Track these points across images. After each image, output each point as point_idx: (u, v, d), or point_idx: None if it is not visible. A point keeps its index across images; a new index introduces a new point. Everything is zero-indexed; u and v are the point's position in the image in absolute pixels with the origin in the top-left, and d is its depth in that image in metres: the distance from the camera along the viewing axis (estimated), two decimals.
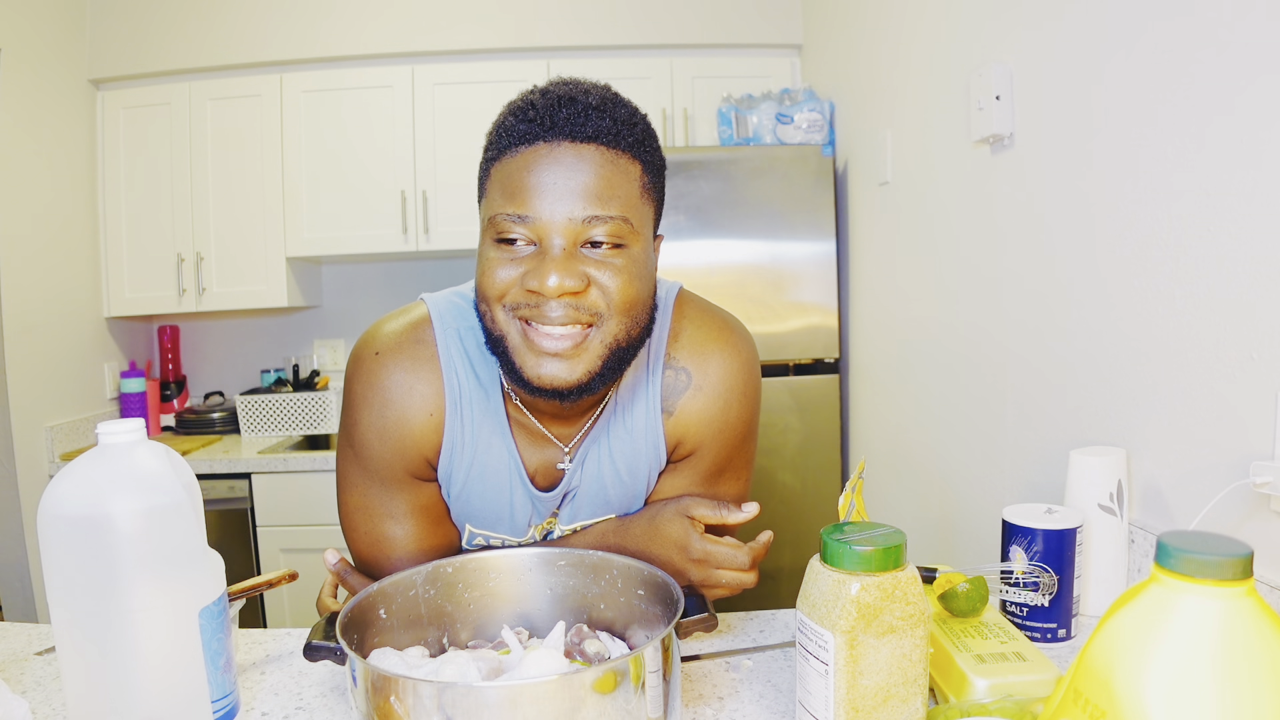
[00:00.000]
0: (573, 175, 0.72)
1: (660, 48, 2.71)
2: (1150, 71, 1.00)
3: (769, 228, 2.30)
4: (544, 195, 0.72)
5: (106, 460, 0.65)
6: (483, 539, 0.93)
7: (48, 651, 0.90)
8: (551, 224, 0.72)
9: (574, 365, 0.76)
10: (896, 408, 1.98)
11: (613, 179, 0.74)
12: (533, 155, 0.73)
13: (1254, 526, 0.84)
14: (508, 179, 0.74)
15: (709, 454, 0.91)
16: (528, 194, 0.72)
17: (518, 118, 0.75)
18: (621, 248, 0.75)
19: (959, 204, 1.57)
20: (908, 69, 1.82)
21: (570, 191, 0.72)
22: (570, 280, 0.72)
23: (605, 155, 0.74)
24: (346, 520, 0.91)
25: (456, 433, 0.86)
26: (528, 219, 0.73)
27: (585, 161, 0.73)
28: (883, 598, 0.61)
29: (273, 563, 2.47)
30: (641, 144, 0.77)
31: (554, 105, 0.74)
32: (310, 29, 2.66)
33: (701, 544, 0.82)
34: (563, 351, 0.75)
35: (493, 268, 0.75)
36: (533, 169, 0.73)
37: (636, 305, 0.77)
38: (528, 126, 0.74)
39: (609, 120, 0.74)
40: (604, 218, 0.73)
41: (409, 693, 0.58)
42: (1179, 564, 0.48)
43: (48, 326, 2.47)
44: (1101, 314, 1.11)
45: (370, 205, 2.68)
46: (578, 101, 0.74)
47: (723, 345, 0.90)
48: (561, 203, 0.72)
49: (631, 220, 0.75)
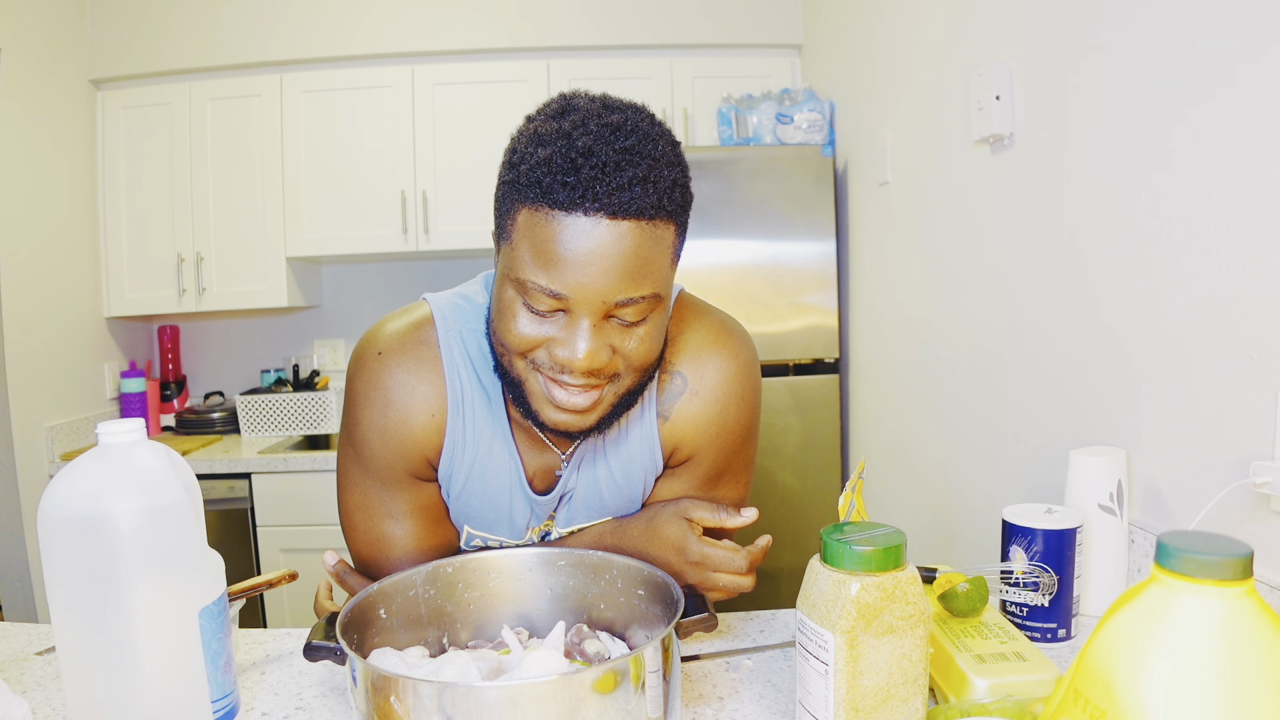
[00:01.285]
0: (608, 255, 0.69)
1: (660, 48, 2.71)
2: (1150, 71, 1.00)
3: (769, 228, 2.30)
4: (578, 272, 0.70)
5: (106, 460, 0.65)
6: (480, 540, 0.93)
7: (48, 651, 0.90)
8: (584, 302, 0.71)
9: (587, 417, 0.78)
10: (896, 408, 1.98)
11: (648, 256, 0.71)
12: (569, 225, 0.69)
13: (1254, 526, 0.84)
14: (540, 244, 0.70)
15: (707, 459, 0.91)
16: (561, 268, 0.70)
17: (555, 176, 0.69)
18: (645, 318, 0.75)
19: (959, 204, 1.57)
20: (908, 69, 1.82)
21: (604, 271, 0.70)
22: (599, 358, 0.73)
23: (643, 231, 0.70)
24: (346, 519, 0.91)
25: (458, 434, 0.87)
26: (560, 295, 0.71)
27: (623, 241, 0.70)
28: (883, 598, 0.61)
29: (273, 563, 2.47)
30: (679, 206, 0.74)
31: (598, 174, 0.68)
32: (310, 29, 2.66)
33: (699, 546, 0.82)
34: (580, 408, 0.76)
35: (517, 324, 0.74)
36: (568, 242, 0.69)
37: (652, 364, 0.79)
38: (566, 192, 0.69)
39: (652, 193, 0.70)
40: (635, 299, 0.72)
41: (409, 693, 0.58)
42: (1179, 564, 0.48)
43: (48, 326, 2.47)
44: (1101, 314, 1.11)
45: (370, 205, 2.68)
46: (623, 171, 0.69)
47: (719, 349, 0.90)
48: (595, 283, 0.70)
49: (660, 294, 0.74)
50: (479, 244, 2.67)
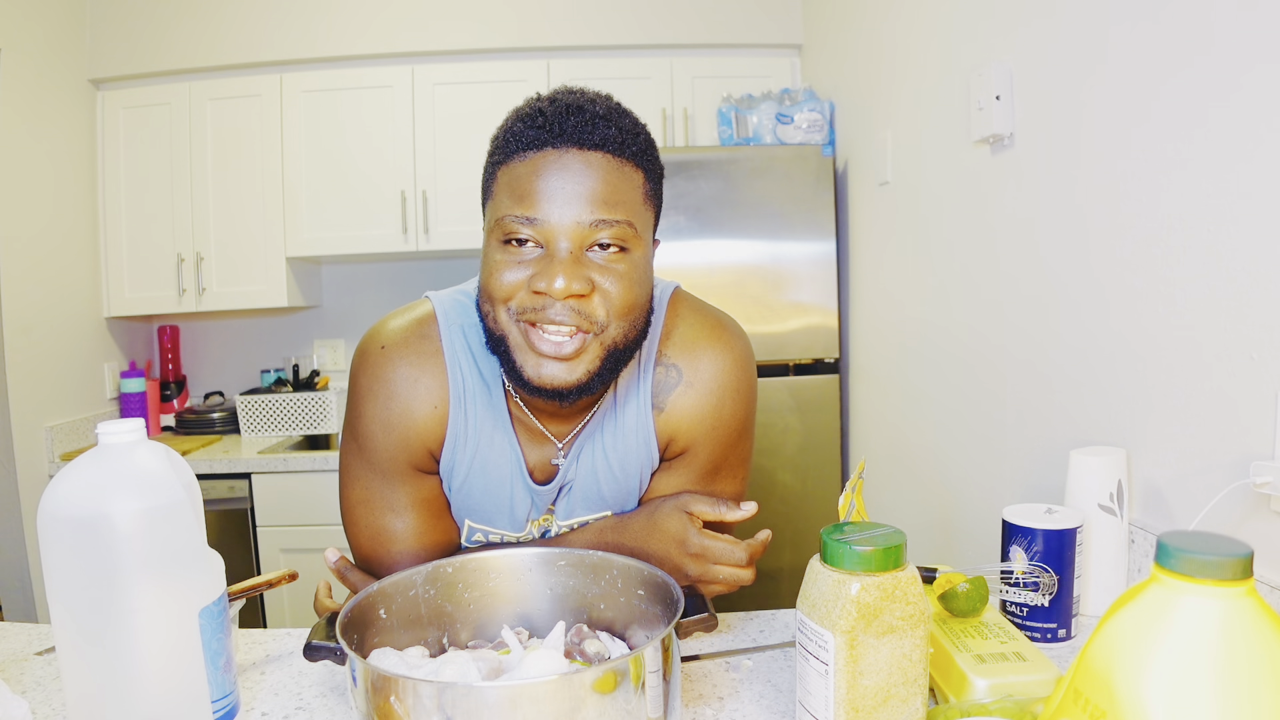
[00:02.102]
0: (580, 180, 0.75)
1: (660, 48, 2.71)
2: (1150, 71, 1.00)
3: (769, 228, 2.30)
4: (552, 199, 0.74)
5: (106, 460, 0.65)
6: (482, 535, 0.94)
7: (48, 651, 0.90)
8: (560, 227, 0.74)
9: (573, 367, 0.78)
10: (896, 408, 1.98)
11: (618, 185, 0.76)
12: (541, 160, 0.75)
13: (1254, 526, 0.84)
14: (516, 182, 0.76)
15: (703, 452, 0.92)
16: (536, 197, 0.74)
17: (526, 124, 0.77)
18: (625, 252, 0.77)
19: (959, 204, 1.57)
20: (908, 69, 1.82)
21: (578, 196, 0.74)
22: (577, 284, 0.74)
23: (611, 162, 0.76)
24: (348, 514, 0.92)
25: (460, 426, 0.88)
26: (535, 221, 0.74)
27: (592, 168, 0.75)
28: (883, 598, 0.61)
29: (273, 563, 2.47)
30: (644, 153, 0.80)
31: (562, 113, 0.76)
32: (310, 29, 2.66)
33: (699, 539, 0.83)
34: (564, 354, 0.77)
35: (499, 269, 0.77)
36: (541, 174, 0.75)
37: (636, 310, 0.79)
38: (536, 133, 0.76)
39: (615, 129, 0.77)
40: (610, 222, 0.75)
41: (409, 693, 0.58)
42: (1179, 564, 0.48)
43: (48, 326, 2.47)
44: (1101, 314, 1.11)
45: (370, 205, 2.68)
46: (585, 110, 0.76)
47: (714, 342, 0.91)
48: (569, 207, 0.74)
49: (635, 225, 0.77)
50: (479, 244, 2.65)
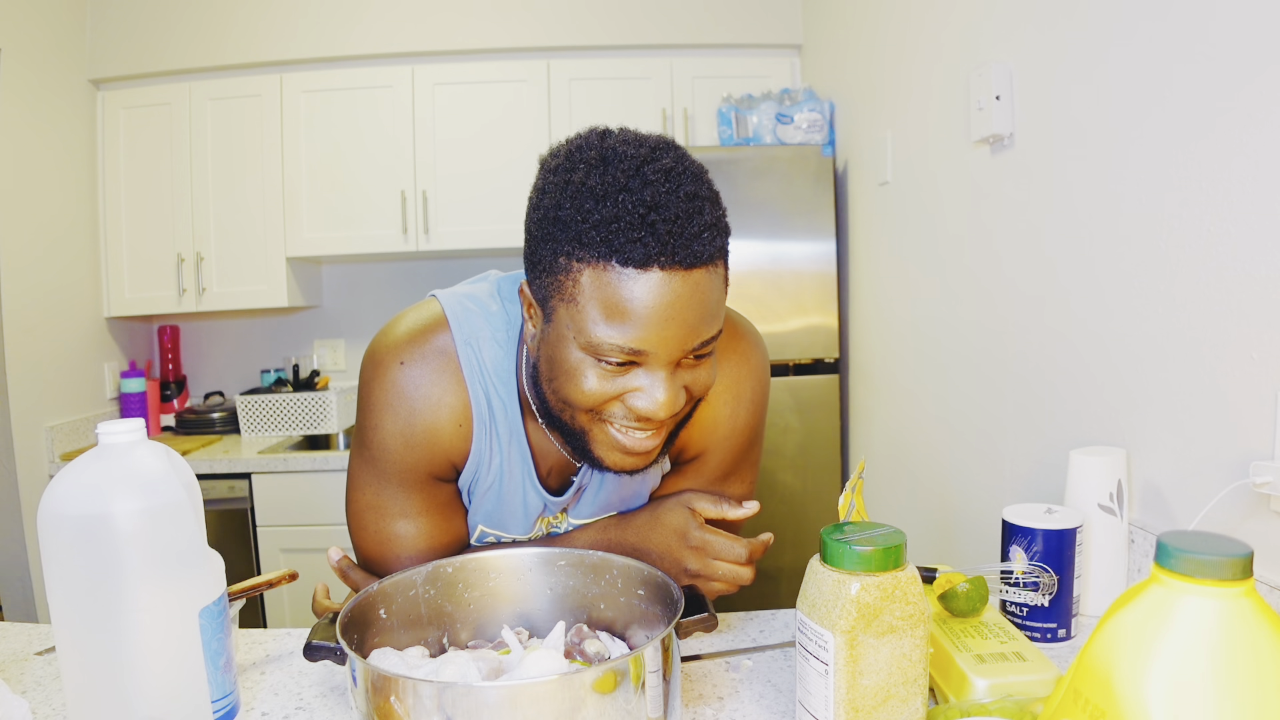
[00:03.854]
0: (688, 307, 0.69)
1: (660, 48, 2.71)
2: (1150, 71, 1.00)
3: (769, 228, 2.30)
4: (659, 328, 0.68)
5: (106, 460, 0.65)
6: (493, 538, 0.94)
7: (48, 651, 0.90)
8: (666, 355, 0.70)
9: (652, 454, 0.78)
10: (896, 408, 1.98)
11: (718, 297, 0.72)
12: (646, 283, 0.67)
13: (1254, 526, 0.84)
14: (615, 302, 0.68)
15: (714, 459, 0.92)
16: (641, 325, 0.68)
17: (629, 234, 0.66)
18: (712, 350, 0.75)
19: (959, 204, 1.57)
20: (908, 69, 1.82)
21: (685, 324, 0.69)
22: (679, 402, 0.73)
23: (711, 274, 0.70)
24: (355, 519, 0.91)
25: (483, 442, 0.87)
26: (641, 352, 0.69)
27: (699, 290, 0.69)
28: (883, 598, 0.61)
29: (273, 563, 2.47)
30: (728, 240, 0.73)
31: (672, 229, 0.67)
32: (310, 29, 2.66)
33: (700, 532, 0.84)
34: (649, 450, 0.76)
35: (587, 382, 0.72)
36: (648, 300, 0.67)
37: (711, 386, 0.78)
38: (640, 249, 0.67)
39: (718, 237, 0.70)
40: (709, 340, 0.72)
41: (409, 693, 0.58)
42: (1179, 564, 0.48)
43: (48, 326, 2.47)
44: (1101, 314, 1.11)
45: (370, 205, 2.68)
46: (693, 220, 0.68)
47: (730, 354, 0.90)
48: (677, 336, 0.69)
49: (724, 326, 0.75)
50: (479, 244, 2.66)
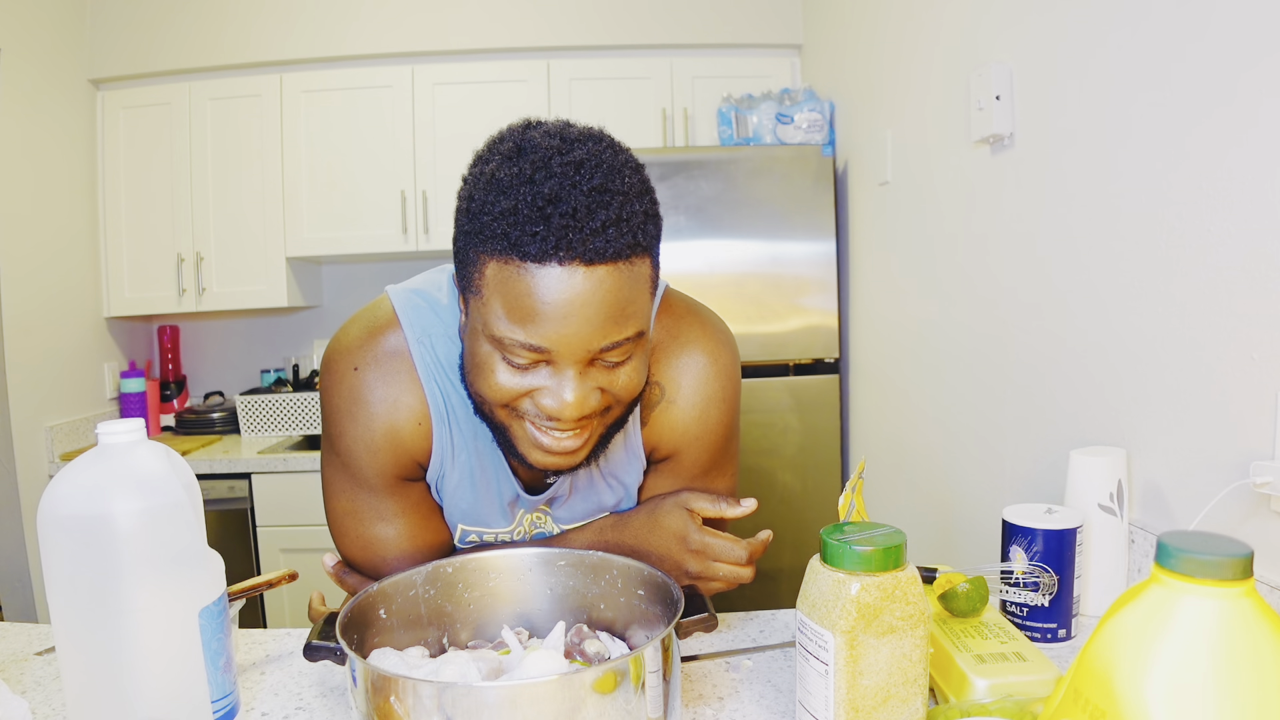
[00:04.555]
0: (588, 304, 0.66)
1: (660, 48, 2.71)
2: (1150, 71, 1.00)
3: (769, 228, 2.30)
4: (558, 325, 0.66)
5: (106, 460, 0.65)
6: (476, 536, 0.93)
7: (48, 651, 0.90)
8: (568, 354, 0.68)
9: (577, 455, 0.77)
10: (896, 408, 1.98)
11: (629, 296, 0.69)
12: (543, 277, 0.65)
13: (1254, 526, 0.84)
14: (513, 299, 0.67)
15: (689, 457, 0.92)
16: (539, 323, 0.66)
17: (524, 228, 0.65)
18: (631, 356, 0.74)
19: (959, 204, 1.57)
20: (908, 69, 1.82)
21: (586, 321, 0.67)
22: (589, 403, 0.71)
23: (620, 272, 0.67)
24: (336, 526, 0.90)
25: (445, 440, 0.86)
26: (541, 349, 0.68)
27: (602, 286, 0.66)
28: (883, 598, 0.61)
29: (273, 563, 2.47)
30: (653, 238, 0.71)
31: (569, 222, 0.65)
32: (310, 29, 2.66)
33: (700, 535, 0.83)
34: (568, 450, 0.75)
35: (496, 378, 0.72)
36: (544, 295, 0.66)
37: (638, 392, 0.77)
38: (536, 244, 0.65)
39: (627, 232, 0.67)
40: (620, 342, 0.70)
41: (409, 693, 0.58)
42: (1179, 564, 0.48)
43: (48, 326, 2.47)
44: (1101, 313, 1.11)
45: (370, 205, 2.68)
46: (595, 215, 0.65)
47: (697, 355, 0.89)
48: (578, 334, 0.67)
49: (644, 329, 0.72)
50: None
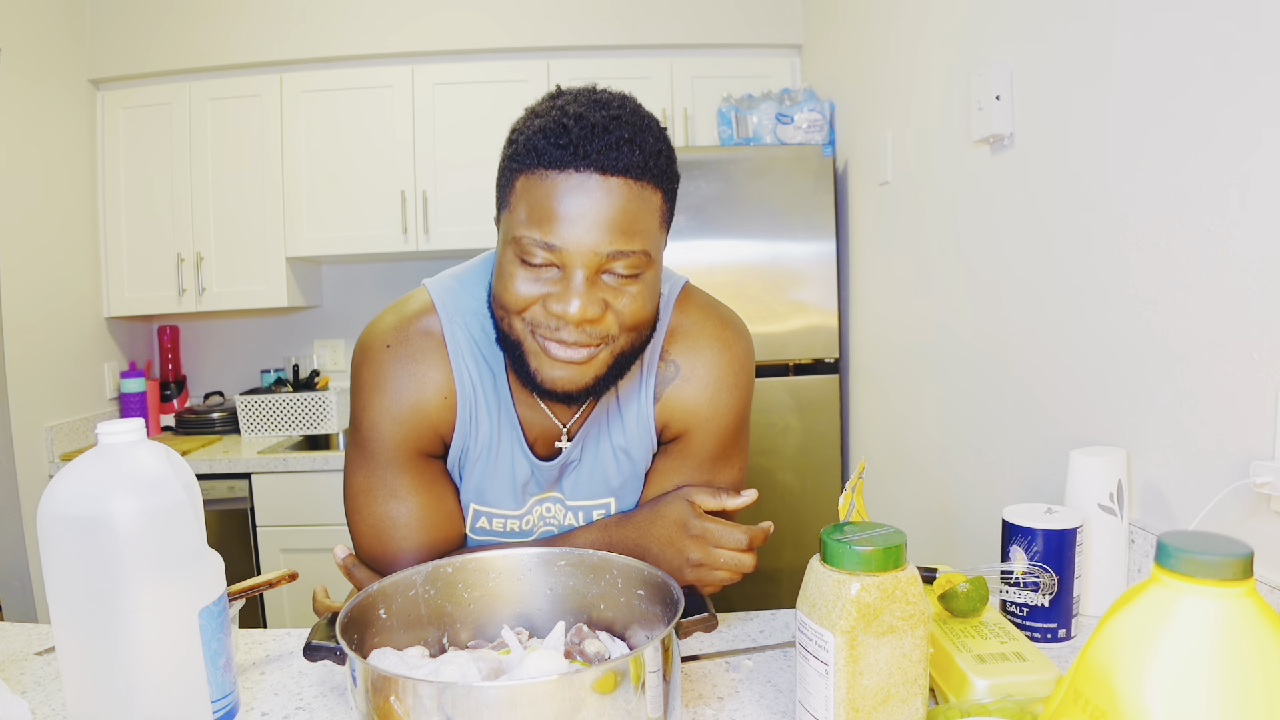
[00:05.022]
0: (599, 209, 0.74)
1: (660, 48, 2.71)
2: (1150, 71, 1.00)
3: (769, 228, 2.30)
4: (571, 225, 0.74)
5: (106, 460, 0.65)
6: (485, 519, 0.96)
7: (48, 651, 0.90)
8: (577, 254, 0.75)
9: (583, 373, 0.81)
10: (896, 408, 1.98)
11: (637, 213, 0.76)
12: (562, 183, 0.74)
13: (1254, 526, 0.84)
14: (535, 202, 0.76)
15: (698, 439, 0.95)
16: (555, 222, 0.75)
17: (549, 139, 0.75)
18: (637, 276, 0.79)
19: (959, 204, 1.57)
20: (908, 69, 1.82)
21: (596, 224, 0.74)
22: (592, 309, 0.76)
23: (631, 189, 0.76)
24: (350, 503, 0.93)
25: (468, 414, 0.90)
26: (553, 247, 0.75)
27: (612, 196, 0.75)
28: (883, 598, 0.61)
29: (273, 563, 2.46)
30: (665, 173, 0.79)
31: (587, 134, 0.74)
32: (310, 29, 2.66)
33: (700, 521, 0.86)
34: (575, 361, 0.79)
35: (515, 283, 0.78)
36: (561, 198, 0.74)
37: (645, 323, 0.82)
38: (559, 153, 0.74)
39: (639, 154, 0.76)
40: (626, 252, 0.76)
41: (409, 693, 0.58)
42: (1179, 564, 0.48)
43: (48, 326, 2.47)
44: (1101, 314, 1.11)
45: (370, 205, 2.68)
46: (611, 133, 0.75)
47: (714, 341, 0.94)
48: (588, 235, 0.74)
49: (650, 252, 0.78)
50: (479, 244, 2.66)
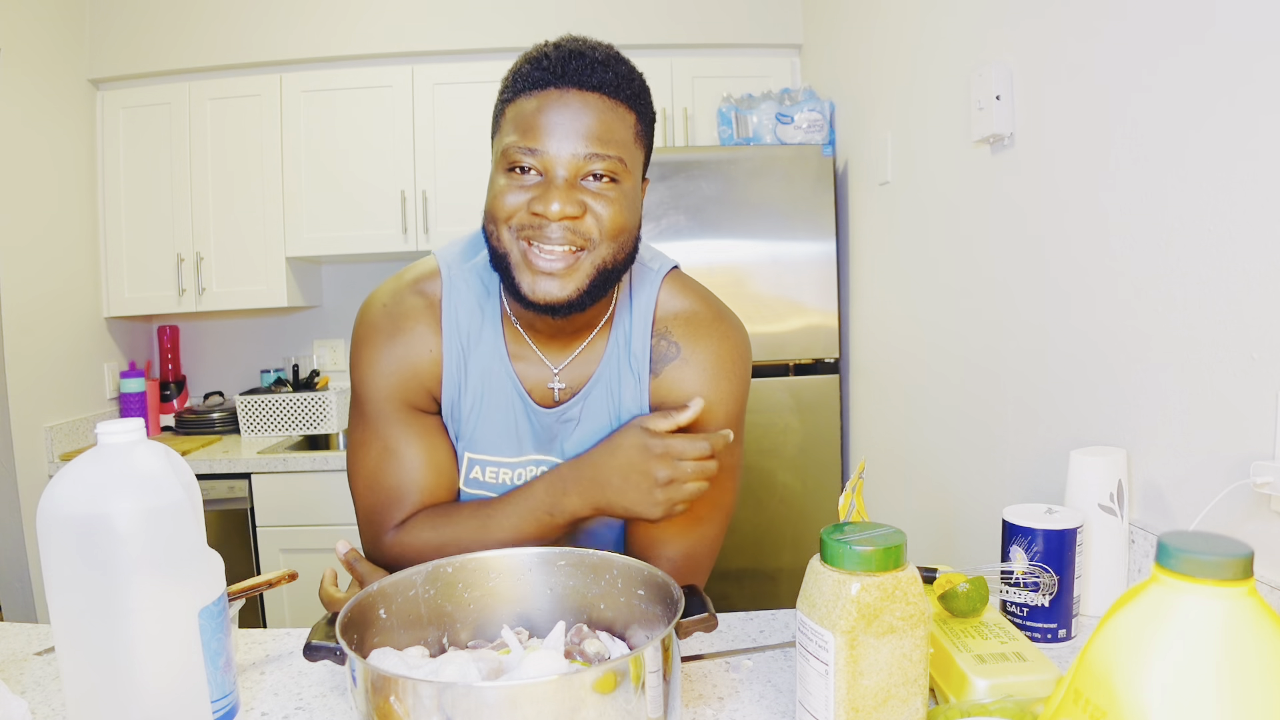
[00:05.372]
0: (578, 118, 0.83)
1: (660, 48, 2.71)
2: (1150, 71, 1.00)
3: (769, 228, 2.30)
4: (552, 133, 0.82)
5: (106, 460, 0.65)
6: (480, 469, 0.97)
7: (48, 651, 0.90)
8: (558, 158, 0.83)
9: (565, 283, 0.85)
10: (896, 408, 1.98)
11: (611, 124, 0.84)
12: (544, 98, 0.83)
13: (1254, 526, 0.84)
14: (521, 118, 0.84)
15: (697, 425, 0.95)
16: (538, 131, 0.83)
17: (532, 65, 0.85)
18: (615, 183, 0.85)
19: (959, 204, 1.57)
20: (908, 69, 1.82)
21: (575, 132, 0.83)
22: (571, 207, 0.82)
23: (606, 104, 0.84)
24: (349, 464, 0.98)
25: (457, 362, 0.95)
26: (537, 152, 0.83)
27: (589, 107, 0.83)
28: (883, 598, 0.61)
29: (273, 563, 2.46)
30: (637, 97, 0.88)
31: (565, 57, 0.84)
32: (310, 29, 2.66)
33: (660, 440, 0.86)
34: (557, 270, 0.84)
35: (503, 194, 0.85)
36: (544, 110, 0.83)
37: (624, 233, 0.87)
38: (541, 74, 0.84)
39: (611, 74, 0.85)
40: (602, 155, 0.83)
41: (409, 693, 0.58)
42: (1179, 564, 0.48)
43: (48, 326, 2.47)
44: (1101, 314, 1.11)
45: (370, 205, 2.68)
46: (585, 55, 0.84)
47: (714, 329, 0.98)
48: (567, 141, 0.82)
49: (625, 160, 0.85)
50: None
